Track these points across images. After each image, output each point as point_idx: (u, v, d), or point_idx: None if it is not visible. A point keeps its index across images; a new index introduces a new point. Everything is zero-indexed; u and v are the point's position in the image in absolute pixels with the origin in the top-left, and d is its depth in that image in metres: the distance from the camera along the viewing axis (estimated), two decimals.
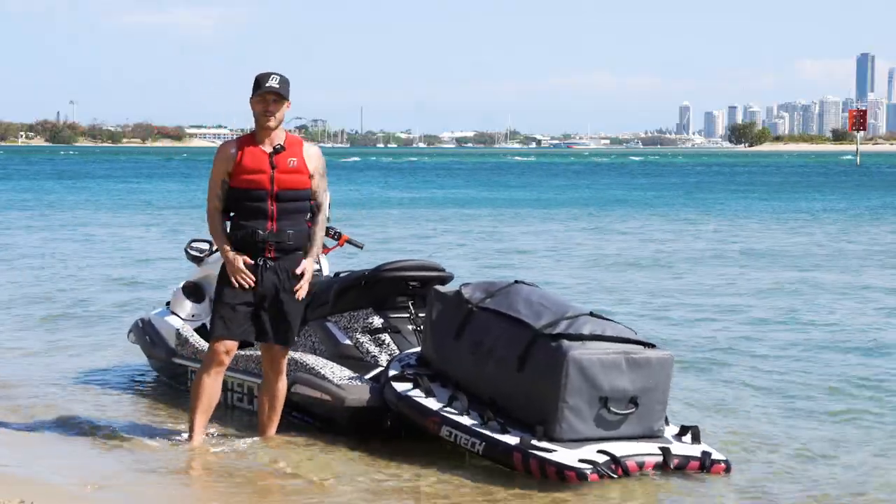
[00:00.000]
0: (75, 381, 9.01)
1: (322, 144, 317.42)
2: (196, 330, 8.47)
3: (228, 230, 6.82)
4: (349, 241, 8.28)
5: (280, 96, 6.73)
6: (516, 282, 6.95)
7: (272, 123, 6.72)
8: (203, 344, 8.25)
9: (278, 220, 6.71)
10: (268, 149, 6.73)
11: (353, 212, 31.42)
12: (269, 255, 6.74)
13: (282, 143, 6.75)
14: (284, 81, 6.77)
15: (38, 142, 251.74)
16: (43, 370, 9.41)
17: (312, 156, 6.83)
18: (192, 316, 8.56)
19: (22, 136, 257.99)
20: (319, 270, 8.23)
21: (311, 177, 6.78)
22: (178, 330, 8.44)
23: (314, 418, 7.32)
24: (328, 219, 8.13)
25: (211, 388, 6.81)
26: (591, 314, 6.55)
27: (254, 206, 6.70)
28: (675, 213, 32.79)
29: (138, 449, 6.93)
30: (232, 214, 6.82)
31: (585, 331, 6.34)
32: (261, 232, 6.69)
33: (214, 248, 8.57)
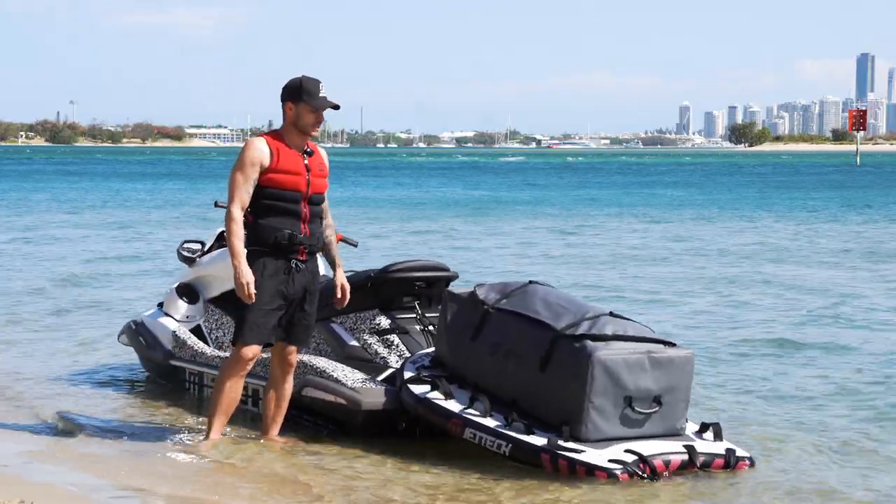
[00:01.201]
0: (76, 380, 8.96)
1: (322, 144, 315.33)
2: (191, 331, 8.39)
3: (252, 232, 6.67)
4: (343, 240, 8.25)
5: (333, 108, 6.75)
6: (531, 282, 6.94)
7: (317, 133, 6.75)
8: (199, 345, 8.20)
9: (310, 223, 6.72)
10: (299, 151, 6.71)
11: (354, 211, 31.34)
12: (301, 258, 6.71)
13: (309, 148, 6.77)
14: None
15: (38, 142, 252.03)
16: (43, 369, 9.36)
17: (326, 159, 6.90)
18: (187, 317, 8.47)
19: (22, 135, 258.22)
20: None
21: None
22: (174, 332, 8.36)
23: (326, 421, 7.25)
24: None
25: (234, 392, 6.77)
26: (611, 314, 6.55)
27: (288, 207, 6.65)
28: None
29: (142, 448, 6.90)
30: (250, 213, 6.67)
31: (608, 331, 6.34)
32: (298, 235, 6.65)
33: (206, 248, 8.54)
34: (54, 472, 6.37)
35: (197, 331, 8.40)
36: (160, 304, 8.70)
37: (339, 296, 6.91)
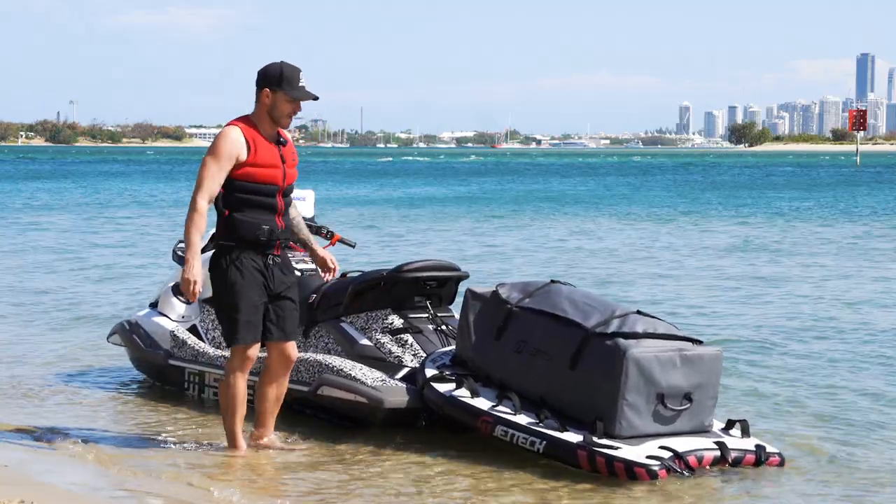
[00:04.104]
0: (76, 380, 8.87)
1: (322, 144, 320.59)
2: (187, 331, 8.29)
3: (227, 227, 6.44)
4: (341, 241, 8.23)
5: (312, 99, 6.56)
6: (552, 281, 6.98)
7: (289, 124, 6.53)
8: (200, 345, 8.12)
9: (284, 215, 6.52)
10: (273, 141, 6.49)
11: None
12: (276, 253, 6.52)
13: (281, 137, 6.53)
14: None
15: (38, 142, 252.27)
16: (43, 369, 9.28)
17: (294, 146, 6.68)
18: (182, 317, 8.38)
19: (22, 136, 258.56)
20: (315, 270, 8.13)
21: None
22: (172, 332, 8.27)
23: (342, 420, 7.21)
24: (314, 217, 8.14)
25: (244, 394, 6.59)
26: (639, 312, 6.59)
27: (265, 201, 6.42)
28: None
29: (142, 448, 6.86)
30: (224, 207, 6.43)
31: (639, 329, 6.39)
32: (276, 230, 6.46)
33: (202, 246, 8.34)
34: (54, 472, 6.33)
35: (192, 331, 8.31)
36: (152, 304, 8.62)
37: (330, 266, 6.81)
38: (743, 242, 21.85)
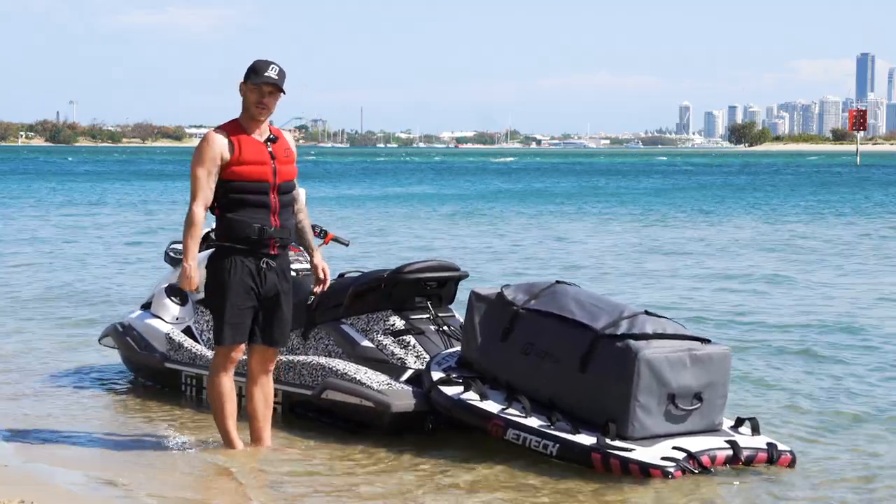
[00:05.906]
0: (76, 380, 8.86)
1: (322, 144, 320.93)
2: (181, 332, 8.27)
3: (221, 227, 6.46)
4: (335, 239, 8.21)
5: (277, 89, 6.46)
6: (557, 282, 6.94)
7: (264, 117, 6.46)
8: (197, 347, 8.09)
9: (280, 214, 6.44)
10: (261, 138, 6.45)
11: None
12: (272, 253, 6.44)
13: (272, 133, 6.50)
14: (282, 73, 6.49)
15: (38, 142, 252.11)
16: (43, 369, 9.27)
17: (292, 143, 6.64)
18: (177, 319, 8.35)
19: (22, 135, 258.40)
20: (311, 271, 8.00)
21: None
22: (167, 334, 8.24)
23: (346, 423, 7.15)
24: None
25: (231, 392, 6.58)
26: (646, 312, 6.56)
27: (257, 199, 6.37)
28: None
29: (141, 448, 6.84)
30: (218, 208, 6.43)
31: (648, 329, 6.37)
32: (268, 229, 6.38)
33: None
34: (54, 472, 6.32)
35: (187, 332, 8.28)
36: (144, 306, 8.58)
37: (320, 276, 6.73)
38: (750, 241, 21.88)
